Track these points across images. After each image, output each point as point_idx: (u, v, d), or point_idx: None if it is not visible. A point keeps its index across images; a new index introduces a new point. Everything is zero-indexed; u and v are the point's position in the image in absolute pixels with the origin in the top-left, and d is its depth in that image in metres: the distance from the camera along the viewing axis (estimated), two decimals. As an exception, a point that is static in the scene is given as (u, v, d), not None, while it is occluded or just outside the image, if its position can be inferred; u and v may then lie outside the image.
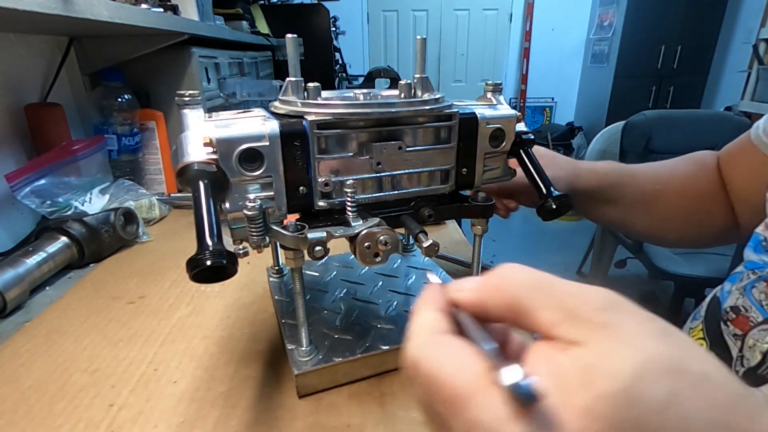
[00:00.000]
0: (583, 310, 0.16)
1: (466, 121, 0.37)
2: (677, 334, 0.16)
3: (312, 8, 2.07)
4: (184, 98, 0.32)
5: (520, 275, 0.18)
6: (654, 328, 0.16)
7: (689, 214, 0.55)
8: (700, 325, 0.44)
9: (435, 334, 0.19)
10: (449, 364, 0.17)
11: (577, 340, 0.16)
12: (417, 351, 0.18)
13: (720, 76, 3.33)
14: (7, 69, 0.70)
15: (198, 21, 0.95)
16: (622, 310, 0.17)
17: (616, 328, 0.16)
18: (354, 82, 2.71)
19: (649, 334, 0.16)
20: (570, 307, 0.16)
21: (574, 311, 0.16)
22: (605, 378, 0.14)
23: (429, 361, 0.17)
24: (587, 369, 0.15)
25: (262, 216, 0.30)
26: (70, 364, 0.41)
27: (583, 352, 0.15)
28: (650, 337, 0.16)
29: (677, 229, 0.57)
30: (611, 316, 0.16)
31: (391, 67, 0.62)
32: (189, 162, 0.30)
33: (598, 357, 0.15)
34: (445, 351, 0.18)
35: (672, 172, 0.57)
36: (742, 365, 0.37)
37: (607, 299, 0.17)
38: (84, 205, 0.67)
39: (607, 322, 0.16)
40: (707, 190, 0.54)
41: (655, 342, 0.15)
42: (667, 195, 0.55)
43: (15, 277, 0.51)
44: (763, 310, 0.37)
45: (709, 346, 0.41)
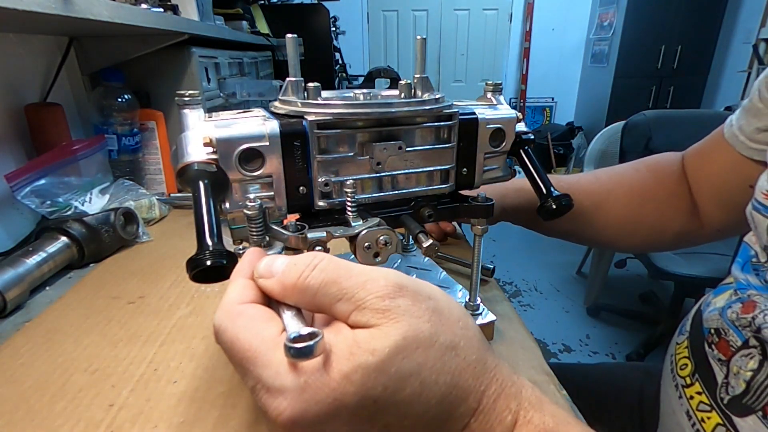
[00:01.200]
0: (368, 301, 0.19)
1: (466, 121, 0.37)
2: (444, 311, 0.21)
3: (312, 8, 2.07)
4: (184, 98, 0.32)
5: (316, 275, 0.21)
6: (425, 308, 0.20)
7: (638, 221, 0.55)
8: (685, 341, 0.43)
9: (237, 304, 0.21)
10: (244, 332, 0.20)
11: (363, 323, 0.19)
12: (219, 320, 0.21)
13: (720, 76, 3.33)
14: (7, 69, 0.70)
15: (198, 21, 0.95)
16: (401, 294, 0.20)
17: (391, 312, 0.19)
18: (354, 82, 2.71)
19: (418, 313, 0.20)
20: (357, 299, 0.20)
21: (360, 303, 0.19)
22: (365, 353, 0.18)
23: (227, 331, 0.20)
24: (356, 344, 0.19)
25: (262, 215, 0.30)
26: (70, 364, 0.41)
27: (361, 330, 0.19)
28: (418, 317, 0.19)
29: (627, 236, 0.56)
30: (390, 302, 0.19)
31: (391, 67, 0.62)
32: (189, 162, 0.30)
33: (369, 336, 0.19)
34: (242, 320, 0.20)
35: (618, 180, 0.56)
36: (727, 392, 0.35)
37: (389, 287, 0.20)
38: (84, 205, 0.67)
39: (385, 307, 0.19)
40: (658, 198, 0.54)
41: (420, 321, 0.19)
42: (610, 204, 0.55)
43: (15, 277, 0.51)
44: (739, 333, 0.36)
45: (694, 369, 0.39)
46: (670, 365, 0.43)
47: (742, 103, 0.46)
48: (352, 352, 0.18)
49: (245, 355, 0.19)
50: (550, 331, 1.91)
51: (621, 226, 0.55)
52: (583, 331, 1.91)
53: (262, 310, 0.21)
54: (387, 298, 0.20)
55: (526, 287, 2.26)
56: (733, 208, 0.49)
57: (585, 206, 0.54)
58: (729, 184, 0.48)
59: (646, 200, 0.54)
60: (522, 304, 2.12)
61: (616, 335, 1.87)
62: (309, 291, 0.21)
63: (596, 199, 0.55)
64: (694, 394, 0.38)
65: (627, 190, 0.55)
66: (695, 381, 0.39)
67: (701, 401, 0.37)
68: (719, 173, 0.49)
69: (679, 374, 0.41)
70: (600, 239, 0.57)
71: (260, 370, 0.19)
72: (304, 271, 0.21)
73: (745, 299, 0.37)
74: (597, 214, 0.55)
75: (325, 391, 0.18)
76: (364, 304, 0.19)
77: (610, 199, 0.55)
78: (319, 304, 0.21)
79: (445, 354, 0.20)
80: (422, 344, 0.19)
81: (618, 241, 0.57)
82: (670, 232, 0.54)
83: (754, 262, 0.38)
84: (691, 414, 0.38)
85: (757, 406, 0.33)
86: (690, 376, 0.40)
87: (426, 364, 0.19)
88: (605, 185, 0.56)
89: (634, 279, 2.27)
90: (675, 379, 0.42)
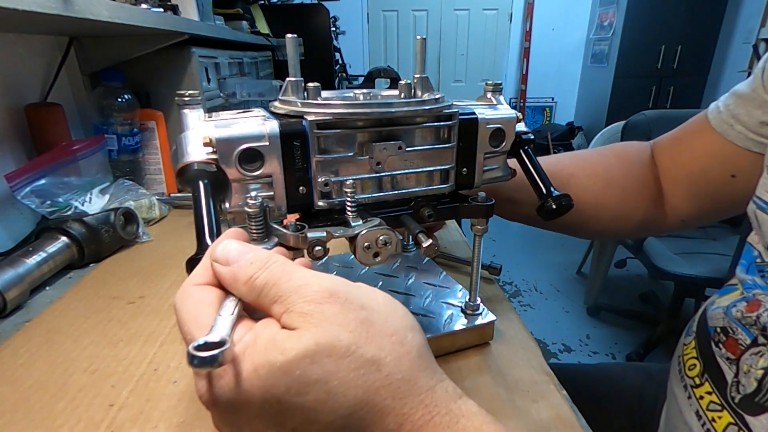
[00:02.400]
0: (296, 304, 0.20)
1: (466, 121, 0.37)
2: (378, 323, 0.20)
3: (312, 8, 2.07)
4: (184, 98, 0.32)
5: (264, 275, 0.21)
6: (353, 317, 0.20)
7: (600, 205, 0.53)
8: (693, 342, 0.43)
9: (192, 285, 0.22)
10: (186, 314, 0.21)
11: (288, 325, 0.20)
12: (175, 299, 0.22)
13: (720, 76, 3.33)
14: (7, 69, 0.70)
15: (198, 21, 0.95)
16: (330, 301, 0.20)
17: (315, 317, 0.19)
18: (354, 82, 2.71)
19: (343, 322, 0.19)
20: (288, 302, 0.20)
21: (289, 306, 0.20)
22: (276, 351, 0.19)
23: (178, 311, 0.21)
24: (272, 341, 0.19)
25: (264, 213, 0.30)
26: (70, 364, 0.41)
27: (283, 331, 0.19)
28: (340, 325, 0.19)
29: (588, 223, 0.55)
30: (314, 307, 0.20)
31: (391, 67, 0.62)
32: (189, 162, 0.30)
33: (285, 336, 0.19)
34: (190, 302, 0.21)
35: (582, 164, 0.55)
36: (738, 391, 0.35)
37: (320, 292, 0.20)
38: (84, 205, 0.67)
39: (308, 311, 0.19)
40: (623, 184, 0.53)
41: (341, 329, 0.19)
42: (571, 188, 0.52)
43: (15, 277, 0.51)
44: (747, 331, 0.36)
45: (703, 369, 0.39)
46: (678, 366, 0.43)
47: (735, 90, 0.44)
48: (266, 348, 0.19)
49: (185, 338, 0.20)
50: (550, 331, 1.91)
51: (583, 209, 0.53)
52: (583, 331, 1.91)
53: (212, 295, 0.22)
54: (313, 303, 0.20)
55: (526, 287, 2.26)
56: (706, 197, 0.48)
57: None
58: (709, 173, 0.47)
59: (611, 185, 0.53)
60: (522, 304, 2.12)
61: (616, 335, 1.87)
62: (255, 290, 0.21)
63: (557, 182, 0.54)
64: (704, 394, 0.38)
65: (590, 173, 0.54)
66: (704, 381, 0.39)
67: (711, 401, 0.37)
68: (700, 161, 0.48)
69: (687, 375, 0.41)
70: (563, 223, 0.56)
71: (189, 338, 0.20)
72: (257, 271, 0.21)
73: (750, 298, 0.37)
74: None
75: (235, 380, 0.19)
76: (292, 307, 0.20)
77: (571, 182, 0.53)
78: (261, 303, 0.21)
79: (362, 367, 0.19)
80: (335, 353, 0.19)
81: (580, 227, 0.56)
82: (633, 219, 0.53)
83: (759, 263, 0.38)
84: (701, 414, 0.38)
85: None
86: (699, 376, 0.39)
87: (336, 373, 0.19)
88: (567, 168, 0.54)
89: (634, 279, 2.27)
90: (683, 379, 0.41)
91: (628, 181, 0.53)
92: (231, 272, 0.22)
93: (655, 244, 1.59)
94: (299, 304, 0.20)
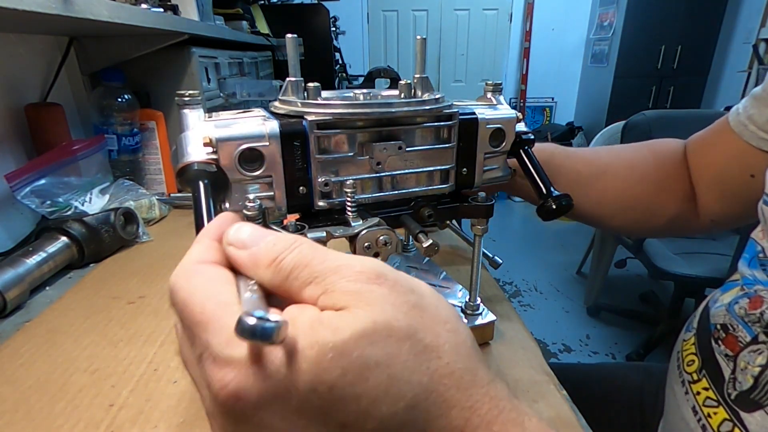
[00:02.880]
0: (338, 284, 0.17)
1: (466, 121, 0.37)
2: (431, 309, 0.18)
3: (312, 8, 2.07)
4: (184, 98, 0.32)
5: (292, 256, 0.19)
6: (404, 300, 0.18)
7: (633, 200, 0.54)
8: (692, 338, 0.43)
9: (196, 263, 0.19)
10: (199, 292, 0.18)
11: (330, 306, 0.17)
12: (175, 278, 0.19)
13: (720, 76, 3.33)
14: (7, 69, 0.70)
15: (198, 21, 0.95)
16: (378, 282, 0.18)
17: (363, 295, 0.17)
18: (354, 82, 2.71)
19: (394, 303, 0.17)
20: (327, 282, 0.18)
21: (329, 286, 0.18)
22: (327, 330, 0.16)
23: (182, 290, 0.18)
24: (318, 320, 0.17)
25: (262, 216, 0.30)
26: (70, 364, 0.41)
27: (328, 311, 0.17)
28: (393, 306, 0.17)
29: (621, 215, 0.55)
30: (362, 285, 0.17)
31: (391, 67, 0.62)
32: (189, 162, 0.30)
33: (335, 315, 0.17)
34: (199, 280, 0.18)
35: (617, 156, 0.56)
36: (734, 388, 0.35)
37: (365, 272, 0.18)
38: (84, 205, 0.67)
39: (357, 290, 0.17)
40: (656, 179, 0.53)
41: (396, 311, 0.17)
42: (608, 178, 0.54)
43: (15, 277, 0.51)
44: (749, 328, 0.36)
45: (702, 365, 0.40)
46: (677, 361, 0.44)
47: (753, 92, 0.45)
48: (312, 327, 0.16)
49: (196, 319, 0.17)
50: (550, 331, 1.91)
51: (617, 200, 0.54)
52: (583, 331, 1.91)
53: (223, 272, 0.19)
54: (359, 282, 0.18)
55: (526, 287, 2.26)
56: (732, 197, 0.49)
57: (584, 175, 0.54)
58: (731, 172, 0.48)
59: (645, 178, 0.53)
60: (522, 304, 2.12)
61: (616, 335, 1.87)
62: (281, 273, 0.18)
63: (595, 170, 0.54)
64: (701, 390, 0.38)
65: (626, 165, 0.54)
66: (702, 377, 0.39)
67: (708, 397, 0.37)
68: (721, 161, 0.49)
69: (685, 370, 0.41)
70: (594, 213, 0.56)
71: (210, 336, 0.17)
72: (282, 252, 0.19)
73: (752, 294, 0.37)
74: (595, 184, 0.54)
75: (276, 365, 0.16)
76: (333, 287, 0.17)
77: (608, 171, 0.54)
78: (289, 288, 0.18)
79: (423, 353, 0.17)
80: (396, 334, 0.17)
81: (612, 218, 0.56)
82: (665, 215, 0.53)
83: (761, 258, 0.38)
84: (697, 409, 0.38)
85: (765, 401, 0.33)
86: (697, 372, 0.40)
87: (398, 356, 0.16)
88: (604, 158, 0.56)
89: (634, 279, 2.27)
90: (681, 375, 0.42)
91: (661, 175, 0.53)
92: (252, 255, 0.19)
93: (655, 244, 1.59)
94: (342, 283, 0.17)
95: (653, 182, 0.53)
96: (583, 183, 0.54)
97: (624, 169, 0.54)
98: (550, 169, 0.52)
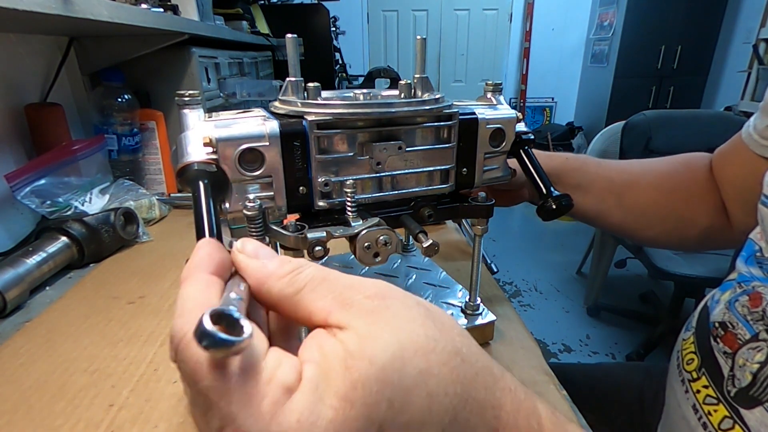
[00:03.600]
0: (355, 299, 0.17)
1: (466, 121, 0.37)
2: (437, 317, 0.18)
3: (312, 8, 2.07)
4: (184, 98, 0.32)
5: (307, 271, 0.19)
6: (416, 312, 0.18)
7: (666, 210, 0.54)
8: (691, 337, 0.43)
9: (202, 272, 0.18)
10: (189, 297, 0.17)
11: (346, 324, 0.16)
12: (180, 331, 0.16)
13: (720, 76, 3.33)
14: (7, 69, 0.70)
15: (198, 21, 0.95)
16: (391, 296, 0.18)
17: (381, 313, 0.17)
18: (354, 82, 2.71)
19: (410, 317, 0.17)
20: (344, 297, 0.17)
21: (346, 300, 0.17)
22: (363, 362, 0.15)
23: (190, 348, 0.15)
24: (349, 354, 0.15)
25: (262, 216, 0.30)
26: (70, 364, 0.41)
27: (348, 335, 0.16)
28: (411, 321, 0.17)
29: (654, 225, 0.56)
30: (379, 302, 0.17)
31: (391, 67, 0.62)
32: (189, 162, 0.30)
33: (361, 341, 0.16)
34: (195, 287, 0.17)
35: (649, 167, 0.56)
36: (733, 385, 0.36)
37: (378, 289, 0.18)
38: (84, 205, 0.67)
39: (374, 308, 0.17)
40: (689, 189, 0.53)
41: (414, 325, 0.17)
42: (641, 187, 0.54)
43: (15, 277, 0.51)
44: (749, 327, 0.36)
45: (701, 363, 0.40)
46: (677, 360, 0.44)
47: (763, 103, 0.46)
48: (347, 366, 0.15)
49: (213, 384, 0.14)
50: (550, 331, 1.91)
51: (650, 210, 0.54)
52: (583, 331, 1.91)
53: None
54: (376, 299, 0.17)
55: (526, 287, 2.26)
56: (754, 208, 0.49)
57: (616, 183, 0.54)
58: (747, 184, 0.48)
59: (677, 189, 0.54)
60: (522, 304, 2.12)
61: (616, 335, 1.87)
62: (295, 285, 0.18)
63: (627, 178, 0.55)
64: (701, 388, 0.38)
65: (658, 175, 0.55)
66: (702, 375, 0.39)
67: (708, 395, 0.38)
68: (739, 174, 0.50)
69: (685, 369, 0.41)
70: (627, 223, 0.56)
71: (236, 409, 0.14)
72: (300, 267, 0.19)
73: (750, 291, 0.37)
74: (627, 193, 0.54)
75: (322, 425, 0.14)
76: (350, 302, 0.17)
77: (641, 181, 0.54)
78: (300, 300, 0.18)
79: (449, 361, 0.17)
80: (420, 349, 0.16)
81: (645, 229, 0.56)
82: (698, 226, 0.54)
83: (758, 257, 0.38)
84: (697, 407, 0.38)
85: (764, 397, 0.33)
86: (696, 370, 0.40)
87: (430, 370, 0.16)
88: (637, 168, 0.56)
89: (634, 279, 2.27)
90: (681, 373, 0.42)
91: (693, 187, 0.54)
92: (264, 265, 0.19)
93: (655, 244, 1.59)
94: (359, 299, 0.17)
95: (685, 193, 0.54)
96: (615, 191, 0.54)
97: (656, 179, 0.55)
98: (583, 176, 0.53)
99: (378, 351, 0.15)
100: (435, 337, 0.17)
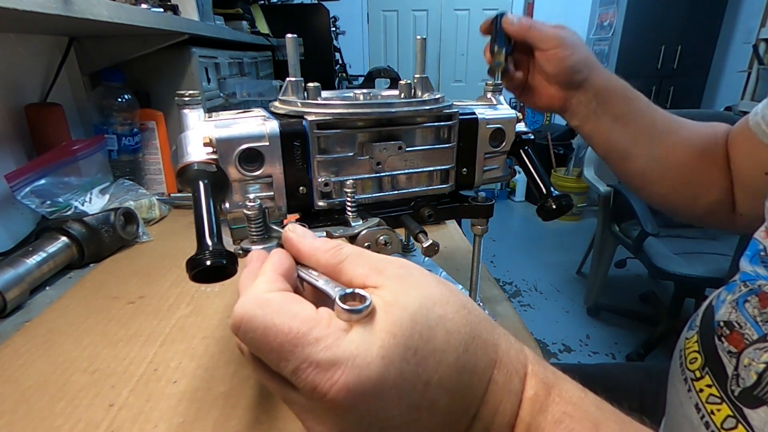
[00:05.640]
0: (386, 268, 0.23)
1: (466, 121, 0.37)
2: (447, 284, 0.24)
3: (312, 8, 2.07)
4: (184, 98, 0.32)
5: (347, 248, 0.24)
6: (432, 279, 0.24)
7: (689, 169, 0.54)
8: (695, 336, 0.43)
9: (266, 292, 0.22)
10: (279, 316, 0.20)
11: (381, 285, 0.22)
12: (245, 308, 0.21)
13: (720, 76, 3.32)
14: (7, 69, 0.70)
15: (198, 21, 0.95)
16: (413, 267, 0.24)
17: (407, 278, 0.23)
18: (354, 82, 2.71)
19: (428, 282, 0.23)
20: (378, 266, 0.23)
21: (379, 268, 0.23)
22: (398, 309, 0.21)
23: (256, 317, 0.21)
24: (388, 303, 0.21)
25: (262, 216, 0.30)
26: (70, 364, 0.41)
27: (384, 292, 0.22)
28: (429, 284, 0.23)
29: (672, 181, 0.55)
30: (404, 270, 0.23)
31: (391, 67, 0.62)
32: (189, 162, 0.30)
33: (395, 295, 0.22)
34: (273, 306, 0.21)
35: (688, 123, 0.56)
36: (737, 384, 0.35)
37: (402, 262, 0.24)
38: (84, 205, 0.67)
39: (401, 274, 0.23)
40: (714, 156, 0.54)
41: (431, 286, 0.23)
42: (679, 138, 0.54)
43: (15, 277, 0.51)
44: (758, 327, 0.36)
45: (704, 362, 0.39)
46: (679, 359, 0.44)
47: None
48: (387, 311, 0.21)
49: (285, 339, 0.20)
50: (550, 331, 1.91)
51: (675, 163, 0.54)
52: (583, 331, 1.91)
53: (290, 295, 0.22)
54: (402, 268, 0.23)
55: (526, 287, 2.26)
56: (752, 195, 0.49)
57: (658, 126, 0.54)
58: (748, 170, 0.49)
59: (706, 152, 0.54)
60: (522, 304, 2.12)
61: (616, 335, 1.87)
62: (337, 257, 0.24)
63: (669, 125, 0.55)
64: (704, 387, 0.38)
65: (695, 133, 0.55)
66: (705, 374, 0.39)
67: (711, 394, 0.37)
68: (745, 161, 0.50)
69: (688, 368, 0.41)
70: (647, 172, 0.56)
71: (308, 349, 0.19)
72: (340, 243, 0.25)
73: (757, 290, 0.37)
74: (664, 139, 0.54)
75: (374, 350, 0.19)
76: (383, 269, 0.23)
77: (681, 132, 0.55)
78: (342, 268, 0.23)
79: (460, 310, 0.22)
80: (438, 302, 0.22)
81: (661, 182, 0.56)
82: (709, 196, 0.54)
83: (763, 256, 0.38)
84: (700, 407, 0.38)
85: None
86: (700, 369, 0.40)
87: (446, 315, 0.22)
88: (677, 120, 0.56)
89: (634, 279, 2.27)
90: (684, 372, 0.42)
91: (717, 155, 0.53)
92: (312, 242, 0.25)
93: (655, 244, 1.59)
94: (390, 268, 0.23)
95: (710, 159, 0.53)
96: (654, 134, 0.54)
97: (693, 135, 0.55)
98: (631, 108, 0.54)
99: (408, 301, 0.21)
100: (447, 295, 0.23)
